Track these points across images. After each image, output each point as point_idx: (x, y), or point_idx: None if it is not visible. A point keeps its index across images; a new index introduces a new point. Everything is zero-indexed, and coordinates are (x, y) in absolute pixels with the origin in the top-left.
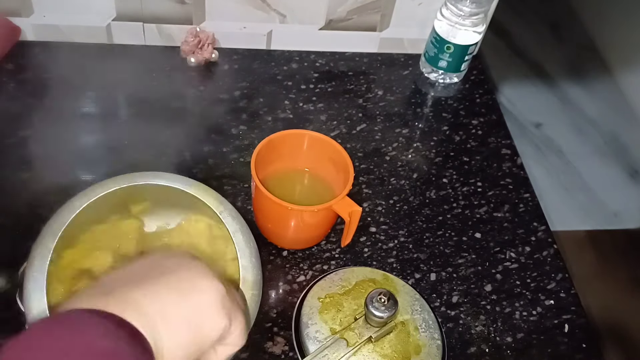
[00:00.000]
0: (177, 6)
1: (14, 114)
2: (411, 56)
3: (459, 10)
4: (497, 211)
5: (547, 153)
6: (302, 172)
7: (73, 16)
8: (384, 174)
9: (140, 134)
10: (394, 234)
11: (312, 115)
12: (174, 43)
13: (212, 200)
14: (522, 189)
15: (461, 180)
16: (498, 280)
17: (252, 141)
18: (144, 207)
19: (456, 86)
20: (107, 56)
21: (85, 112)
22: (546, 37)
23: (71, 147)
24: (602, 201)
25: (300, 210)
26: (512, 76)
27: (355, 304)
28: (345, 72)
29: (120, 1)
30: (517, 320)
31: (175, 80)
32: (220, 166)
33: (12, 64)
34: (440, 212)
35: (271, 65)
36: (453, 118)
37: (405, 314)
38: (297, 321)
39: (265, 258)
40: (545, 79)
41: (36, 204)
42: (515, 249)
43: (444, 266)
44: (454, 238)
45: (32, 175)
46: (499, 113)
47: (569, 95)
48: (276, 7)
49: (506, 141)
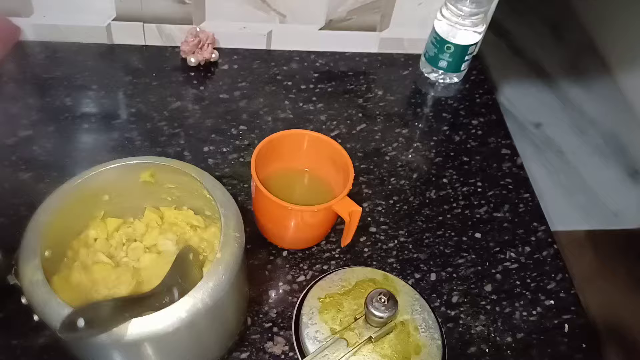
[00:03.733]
0: (177, 6)
1: (15, 113)
2: (411, 56)
3: (458, 10)
4: (497, 211)
5: (546, 153)
6: (302, 172)
7: (73, 16)
8: (384, 174)
9: (139, 134)
10: (394, 234)
11: (312, 115)
12: (174, 43)
13: (190, 169)
14: (522, 189)
15: (461, 180)
16: (498, 280)
17: (252, 141)
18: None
19: (456, 86)
20: (107, 56)
21: (84, 111)
22: (546, 37)
23: (71, 146)
24: (602, 201)
25: (300, 210)
26: (512, 76)
27: (355, 304)
28: (345, 72)
29: (120, 1)
30: (517, 320)
31: (175, 80)
32: (220, 166)
33: (12, 64)
34: (440, 212)
35: (271, 65)
36: (453, 118)
37: (405, 314)
38: (297, 321)
39: (265, 258)
40: (545, 79)
41: (36, 201)
42: (515, 249)
43: (444, 266)
44: (454, 238)
45: (33, 175)
46: (499, 113)
47: (569, 95)
48: (276, 7)
49: (506, 141)
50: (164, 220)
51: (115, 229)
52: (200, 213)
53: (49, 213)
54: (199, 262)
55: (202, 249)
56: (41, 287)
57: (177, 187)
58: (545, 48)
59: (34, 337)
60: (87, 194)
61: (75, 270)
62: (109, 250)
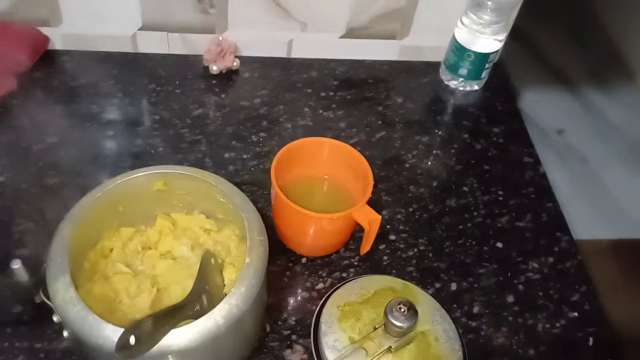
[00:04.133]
0: (200, 16)
1: (42, 120)
2: (431, 64)
3: (479, 18)
4: (519, 220)
5: (569, 160)
6: (322, 180)
7: (100, 26)
8: (403, 181)
9: (162, 140)
10: (414, 242)
11: (332, 123)
12: (196, 52)
13: (207, 175)
14: (544, 198)
15: (482, 188)
16: (520, 291)
17: (272, 148)
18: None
19: (477, 94)
20: (132, 64)
21: (110, 118)
22: (568, 43)
23: (96, 152)
24: (626, 210)
25: (320, 217)
26: (534, 82)
27: (374, 312)
28: (364, 80)
29: (146, 11)
30: (540, 333)
31: (197, 88)
32: (240, 172)
33: (40, 72)
34: (461, 220)
35: (291, 72)
36: (473, 126)
37: (426, 324)
38: (315, 329)
39: (284, 265)
40: (568, 86)
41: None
42: (538, 259)
43: (464, 276)
44: (474, 247)
45: (59, 181)
46: (521, 121)
47: (591, 102)
48: (297, 15)
49: (528, 149)
50: (177, 226)
51: (129, 238)
52: (212, 217)
53: (72, 227)
54: (218, 266)
55: (217, 252)
56: (76, 305)
57: (189, 193)
58: (567, 54)
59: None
60: (104, 206)
61: (97, 282)
62: (125, 259)
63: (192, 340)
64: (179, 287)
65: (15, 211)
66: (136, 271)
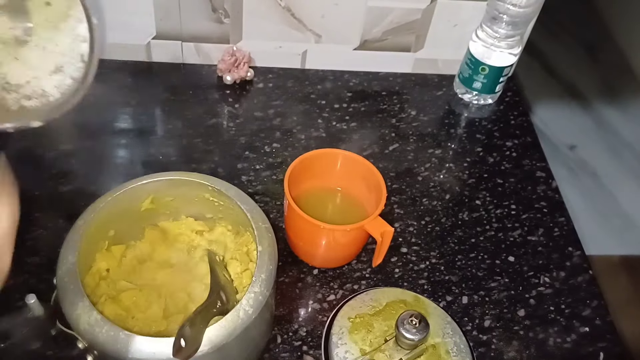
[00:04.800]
0: (215, 26)
1: (54, 128)
2: (445, 77)
3: (494, 32)
4: (531, 234)
5: (581, 175)
6: (335, 191)
7: (115, 34)
8: (416, 194)
9: (175, 150)
10: (426, 255)
11: (345, 135)
12: (210, 61)
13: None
14: (557, 213)
15: (495, 202)
16: (532, 305)
17: (285, 159)
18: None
19: (490, 107)
20: (146, 73)
21: (123, 127)
22: (581, 58)
23: (109, 161)
24: (638, 225)
25: (332, 229)
26: (546, 97)
27: (385, 325)
28: (378, 92)
29: (161, 21)
30: (551, 347)
31: (211, 98)
32: (252, 183)
33: None
34: (473, 234)
35: (305, 84)
36: (487, 139)
37: (437, 337)
38: (326, 341)
39: (296, 276)
40: (580, 101)
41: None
42: (550, 273)
43: (476, 289)
44: (486, 261)
45: (72, 189)
46: (534, 135)
47: (604, 117)
48: (312, 27)
49: (541, 164)
50: (168, 234)
51: (122, 254)
52: (201, 218)
53: (74, 252)
54: (222, 263)
55: (214, 251)
56: (103, 326)
57: (174, 199)
58: (580, 69)
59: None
60: (96, 228)
61: (106, 304)
62: (125, 276)
63: (230, 332)
64: (184, 292)
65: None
66: (139, 286)
